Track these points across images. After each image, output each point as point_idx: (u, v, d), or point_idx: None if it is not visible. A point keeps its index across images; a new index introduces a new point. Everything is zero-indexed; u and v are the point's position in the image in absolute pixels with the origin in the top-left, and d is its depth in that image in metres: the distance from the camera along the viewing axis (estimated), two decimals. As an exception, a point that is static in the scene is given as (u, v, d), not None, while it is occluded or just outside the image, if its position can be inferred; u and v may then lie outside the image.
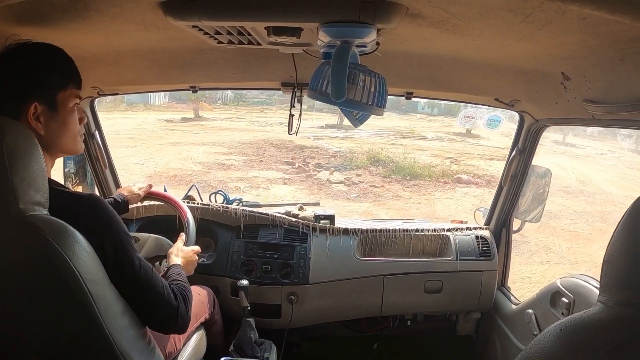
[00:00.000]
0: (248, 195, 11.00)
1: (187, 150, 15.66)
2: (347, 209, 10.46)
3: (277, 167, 14.28)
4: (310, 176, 13.36)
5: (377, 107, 1.48)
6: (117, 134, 17.26)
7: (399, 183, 13.21)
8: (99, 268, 1.18)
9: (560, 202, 11.20)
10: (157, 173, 12.83)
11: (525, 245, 8.44)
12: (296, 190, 12.12)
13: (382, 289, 2.71)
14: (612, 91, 1.49)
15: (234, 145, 16.61)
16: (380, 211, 10.51)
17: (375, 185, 12.85)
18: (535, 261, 7.77)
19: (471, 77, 2.10)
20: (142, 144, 16.15)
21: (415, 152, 15.74)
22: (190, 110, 22.67)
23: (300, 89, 2.31)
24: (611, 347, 0.85)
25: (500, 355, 2.70)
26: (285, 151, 16.19)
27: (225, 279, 2.62)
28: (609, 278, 0.94)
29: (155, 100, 24.68)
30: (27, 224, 1.05)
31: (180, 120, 21.55)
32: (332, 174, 13.47)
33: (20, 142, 1.08)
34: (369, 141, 17.89)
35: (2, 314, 1.12)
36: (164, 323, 1.49)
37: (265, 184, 12.49)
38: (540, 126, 2.41)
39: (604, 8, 0.90)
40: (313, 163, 14.68)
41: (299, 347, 3.06)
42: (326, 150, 16.75)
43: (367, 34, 1.30)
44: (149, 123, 20.29)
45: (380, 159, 15.16)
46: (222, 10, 1.27)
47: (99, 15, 1.39)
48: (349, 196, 11.78)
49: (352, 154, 15.86)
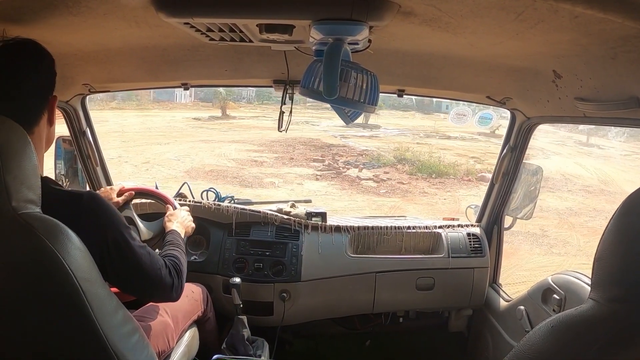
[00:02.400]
0: (283, 190, 11.71)
1: (219, 147, 16.14)
2: (377, 204, 11.04)
3: (307, 164, 14.74)
4: (340, 173, 13.83)
5: (369, 104, 1.48)
6: (148, 131, 18.21)
7: (425, 180, 13.62)
8: (92, 266, 1.17)
9: (580, 201, 11.60)
10: (194, 169, 13.33)
11: (544, 238, 8.84)
12: (328, 186, 12.57)
13: (374, 286, 2.72)
14: (603, 89, 1.50)
15: (263, 142, 17.11)
16: (408, 206, 10.93)
17: (402, 182, 13.26)
18: (553, 252, 8.14)
19: (463, 75, 2.10)
20: (174, 141, 16.75)
21: (440, 151, 16.07)
22: (217, 108, 23.15)
23: (292, 87, 2.31)
24: (602, 343, 0.85)
25: (492, 351, 2.71)
26: (313, 149, 16.65)
27: (217, 277, 2.61)
28: (600, 275, 0.94)
29: (180, 98, 25.22)
30: (20, 222, 1.04)
31: (207, 118, 22.13)
32: (360, 171, 13.94)
33: (13, 139, 1.07)
34: (395, 140, 18.29)
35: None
36: (162, 299, 1.68)
37: (298, 179, 12.97)
38: (532, 124, 2.42)
39: (595, 7, 0.90)
40: (342, 161, 15.17)
41: (291, 345, 3.06)
42: (353, 148, 17.19)
43: (359, 32, 1.29)
44: (178, 121, 20.97)
45: (407, 157, 15.54)
46: (214, 8, 1.26)
47: (89, 12, 1.38)
48: (378, 192, 12.25)
49: (379, 152, 16.26)
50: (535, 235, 9.12)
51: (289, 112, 2.33)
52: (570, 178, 13.72)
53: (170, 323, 1.96)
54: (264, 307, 2.64)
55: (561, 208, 10.95)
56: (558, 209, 10.90)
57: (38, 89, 1.33)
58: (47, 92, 1.37)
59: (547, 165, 14.92)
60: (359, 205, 11.07)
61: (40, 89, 1.34)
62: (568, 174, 14.05)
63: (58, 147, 2.63)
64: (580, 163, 15.23)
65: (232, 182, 12.45)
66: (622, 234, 0.92)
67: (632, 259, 0.88)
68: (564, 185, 13.09)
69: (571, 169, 14.76)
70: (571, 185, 13.15)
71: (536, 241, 8.85)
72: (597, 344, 0.86)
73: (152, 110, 22.82)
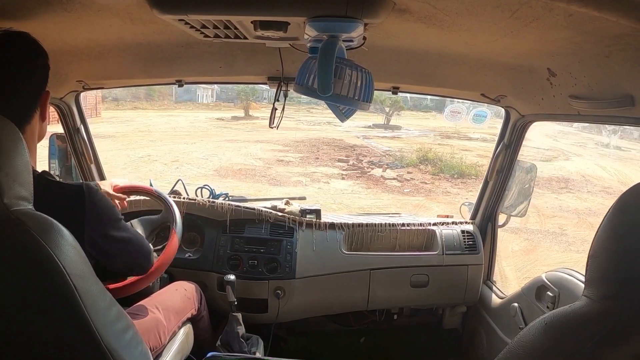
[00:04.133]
0: (311, 188, 12.05)
1: (245, 147, 16.61)
2: (402, 202, 11.42)
3: (332, 163, 15.14)
4: (365, 172, 14.16)
5: (364, 101, 1.48)
6: (174, 130, 18.86)
7: (448, 180, 13.94)
8: (85, 263, 1.16)
9: (599, 202, 11.86)
10: (223, 167, 13.73)
11: (563, 237, 9.11)
12: (354, 185, 12.90)
13: (368, 283, 2.72)
14: (597, 87, 1.50)
15: (288, 143, 17.54)
16: (432, 204, 11.23)
17: (425, 182, 13.57)
18: (571, 250, 8.37)
19: (458, 73, 2.10)
20: (200, 141, 17.21)
21: (462, 152, 16.35)
22: (239, 108, 23.80)
23: (287, 84, 2.30)
24: (596, 340, 0.86)
25: (486, 348, 2.72)
26: (337, 149, 17.11)
27: (211, 274, 2.61)
28: (593, 272, 0.95)
29: (202, 99, 25.71)
30: (12, 219, 1.04)
31: (231, 118, 22.71)
32: (384, 171, 14.27)
33: (4, 135, 1.06)
34: (416, 141, 18.67)
35: None
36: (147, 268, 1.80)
37: (324, 178, 13.32)
38: (526, 122, 2.43)
39: (590, 5, 0.91)
40: (366, 161, 15.53)
41: (285, 342, 3.06)
42: (376, 149, 17.60)
43: (354, 29, 1.29)
44: (201, 121, 21.56)
45: (429, 158, 15.79)
46: (209, 4, 1.26)
47: (83, 8, 1.38)
48: (402, 191, 12.61)
49: (401, 153, 16.63)
50: (555, 233, 9.35)
51: (281, 108, 2.32)
52: (590, 179, 13.92)
53: (162, 320, 1.96)
54: (259, 305, 2.64)
55: (581, 208, 11.15)
56: (578, 209, 11.10)
57: (31, 83, 1.33)
58: (41, 87, 1.36)
59: (568, 166, 15.26)
60: (385, 204, 11.34)
61: (34, 84, 1.34)
62: (588, 176, 14.25)
63: (52, 145, 2.62)
64: (601, 164, 15.40)
65: (260, 180, 12.75)
66: (615, 231, 0.92)
67: (625, 256, 0.89)
68: (584, 187, 13.28)
69: (591, 170, 14.98)
70: (591, 186, 13.33)
71: (555, 239, 9.07)
72: (591, 341, 0.86)
73: (175, 111, 23.58)
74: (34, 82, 1.34)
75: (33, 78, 1.33)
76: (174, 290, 2.23)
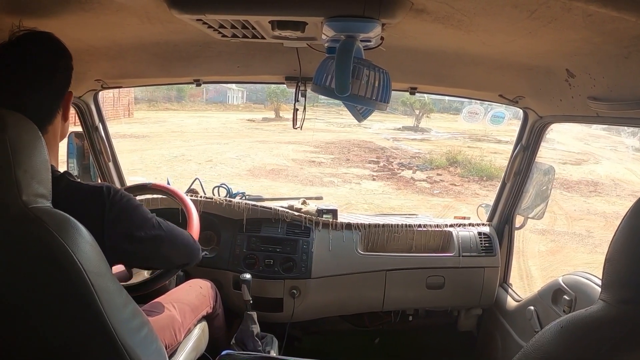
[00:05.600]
0: (342, 188, 12.24)
1: (277, 147, 16.82)
2: (432, 203, 11.50)
3: (363, 165, 15.31)
4: (395, 174, 14.28)
5: (381, 102, 1.48)
6: (206, 131, 19.18)
7: (477, 182, 13.95)
8: (102, 260, 1.17)
9: (628, 205, 11.39)
10: (256, 168, 13.94)
11: (590, 239, 9.15)
12: (385, 186, 13.01)
13: (384, 284, 2.71)
14: (616, 89, 1.49)
15: (319, 144, 17.71)
16: (461, 206, 11.29)
17: (455, 184, 13.61)
18: (597, 252, 8.35)
19: (475, 73, 2.09)
20: (232, 142, 17.47)
21: (491, 155, 16.33)
22: (269, 110, 24.00)
23: (304, 84, 2.31)
24: (612, 345, 0.85)
25: (501, 351, 2.70)
26: (368, 151, 17.24)
27: (227, 273, 2.63)
28: (610, 276, 0.94)
29: (233, 100, 26.43)
30: (30, 216, 1.05)
31: (261, 119, 23.02)
32: (414, 172, 14.36)
33: (23, 134, 1.08)
34: (446, 143, 18.64)
35: (2, 306, 1.11)
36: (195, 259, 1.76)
37: (355, 179, 13.45)
38: (544, 123, 2.41)
39: (609, 5, 0.90)
40: (396, 162, 15.65)
41: (300, 341, 3.06)
42: (406, 151, 17.70)
43: (371, 29, 1.29)
44: (233, 122, 21.88)
45: (458, 160, 15.84)
46: (227, 4, 1.27)
47: (102, 8, 1.40)
48: (432, 192, 12.70)
49: (431, 155, 16.65)
50: (581, 235, 9.37)
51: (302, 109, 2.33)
52: (620, 183, 13.80)
53: (177, 317, 1.97)
54: (274, 304, 2.65)
55: (609, 212, 11.08)
56: (605, 212, 11.05)
57: (54, 84, 1.34)
58: (63, 87, 1.37)
59: (598, 170, 15.14)
60: (414, 204, 11.43)
61: (57, 85, 1.35)
62: (618, 179, 14.12)
63: (70, 144, 2.64)
64: (631, 168, 15.26)
65: (293, 180, 12.87)
66: (632, 235, 0.92)
67: None
68: (612, 190, 13.17)
69: (621, 174, 14.84)
70: (620, 190, 13.21)
71: (582, 241, 9.10)
72: (607, 345, 0.85)
73: (205, 112, 23.99)
74: (57, 83, 1.35)
75: (56, 78, 1.34)
76: (190, 288, 2.24)
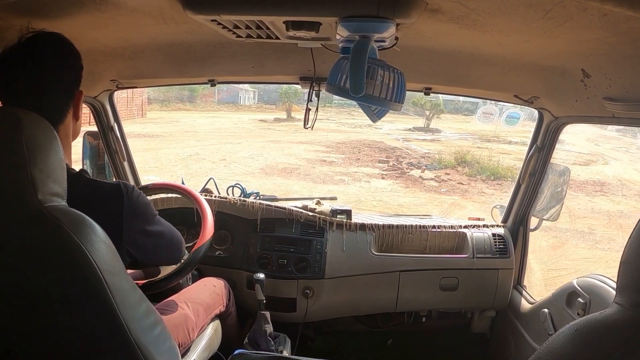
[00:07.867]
0: (352, 187, 12.52)
1: (288, 147, 17.10)
2: (438, 200, 11.75)
3: (373, 164, 15.53)
4: (404, 173, 14.50)
5: (396, 102, 1.48)
6: (218, 131, 19.49)
7: (484, 182, 14.12)
8: (116, 259, 1.18)
9: (633, 205, 11.91)
10: (269, 166, 14.23)
11: (591, 235, 9.26)
12: (394, 184, 13.27)
13: (397, 285, 2.71)
14: (632, 89, 1.47)
15: (330, 144, 17.99)
16: (467, 204, 11.51)
17: (462, 183, 13.81)
18: (597, 248, 8.54)
19: (490, 73, 2.08)
20: (245, 141, 17.77)
21: (500, 156, 16.45)
22: (281, 110, 24.24)
23: (319, 84, 2.31)
24: (626, 348, 0.84)
25: (514, 354, 2.68)
26: (378, 151, 17.40)
27: (241, 272, 2.64)
28: (625, 279, 0.93)
29: (245, 101, 26.92)
30: (46, 215, 1.06)
31: (273, 120, 23.35)
32: (423, 172, 14.51)
33: (39, 133, 1.09)
34: (455, 144, 18.76)
35: (18, 304, 1.13)
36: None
37: (365, 178, 13.70)
38: (560, 124, 2.39)
39: (624, 4, 0.89)
40: (405, 162, 15.87)
41: (313, 341, 3.07)
42: (415, 151, 17.88)
43: (386, 29, 1.30)
44: (245, 122, 22.23)
45: (467, 160, 15.99)
46: (241, 5, 1.27)
47: (117, 9, 1.41)
48: (439, 191, 12.92)
49: (440, 155, 16.82)
50: (583, 232, 9.46)
51: (315, 109, 2.33)
52: (627, 183, 13.79)
53: (191, 316, 1.98)
54: (287, 303, 2.66)
55: (612, 210, 11.09)
56: (609, 211, 11.06)
57: (63, 83, 1.36)
58: (73, 87, 1.39)
59: (606, 170, 15.09)
60: (422, 202, 11.64)
61: (66, 84, 1.37)
62: (625, 180, 14.11)
63: (85, 144, 2.66)
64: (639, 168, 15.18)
65: (304, 179, 13.09)
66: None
67: None
68: (619, 190, 13.15)
69: (629, 174, 14.84)
70: (626, 190, 13.22)
71: (583, 237, 9.19)
72: (621, 348, 0.84)
73: (217, 112, 24.36)
74: (66, 82, 1.37)
75: (65, 78, 1.36)
76: (203, 287, 2.26)
